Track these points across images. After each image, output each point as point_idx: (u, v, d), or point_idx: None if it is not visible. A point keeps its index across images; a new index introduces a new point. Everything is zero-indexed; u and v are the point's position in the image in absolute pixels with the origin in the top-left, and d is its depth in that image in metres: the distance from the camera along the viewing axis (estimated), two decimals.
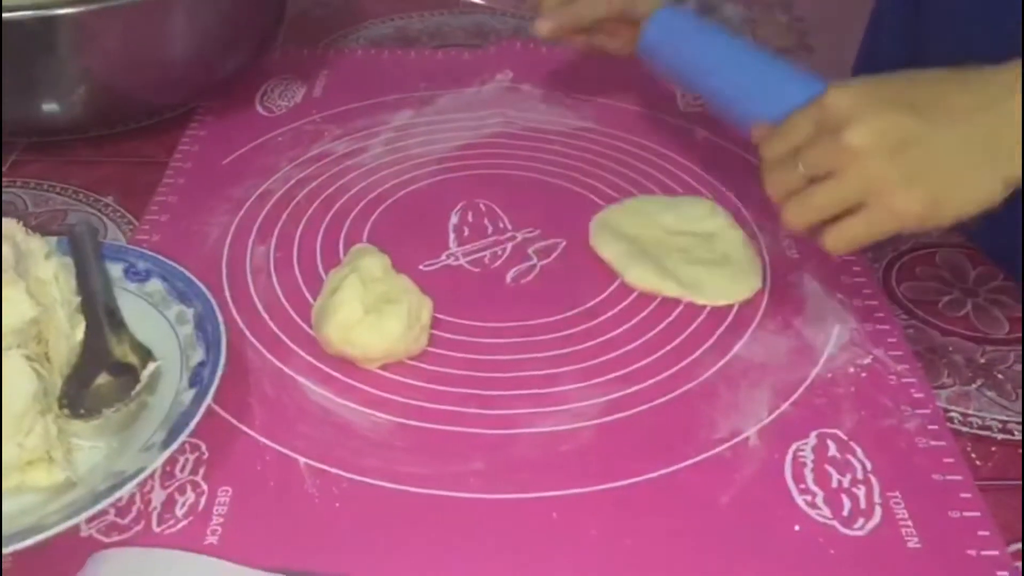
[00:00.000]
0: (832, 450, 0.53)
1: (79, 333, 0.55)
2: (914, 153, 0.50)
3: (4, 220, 0.53)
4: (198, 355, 0.54)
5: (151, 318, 0.57)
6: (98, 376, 0.54)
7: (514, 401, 0.56)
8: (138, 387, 0.52)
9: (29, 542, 0.44)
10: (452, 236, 0.69)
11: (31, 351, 0.51)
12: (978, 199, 0.50)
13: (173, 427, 0.49)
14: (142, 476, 0.47)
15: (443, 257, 0.67)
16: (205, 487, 0.51)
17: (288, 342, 0.60)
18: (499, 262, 0.67)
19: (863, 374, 0.58)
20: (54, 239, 0.57)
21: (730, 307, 0.62)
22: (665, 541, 0.48)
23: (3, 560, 0.46)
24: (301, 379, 0.57)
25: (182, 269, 0.59)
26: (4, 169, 0.75)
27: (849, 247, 0.53)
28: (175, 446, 0.48)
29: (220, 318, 0.56)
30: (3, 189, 0.73)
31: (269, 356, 0.59)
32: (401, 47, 0.94)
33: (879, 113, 0.50)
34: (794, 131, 0.53)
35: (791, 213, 0.54)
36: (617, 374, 0.57)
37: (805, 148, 0.52)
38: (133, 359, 0.55)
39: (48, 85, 0.72)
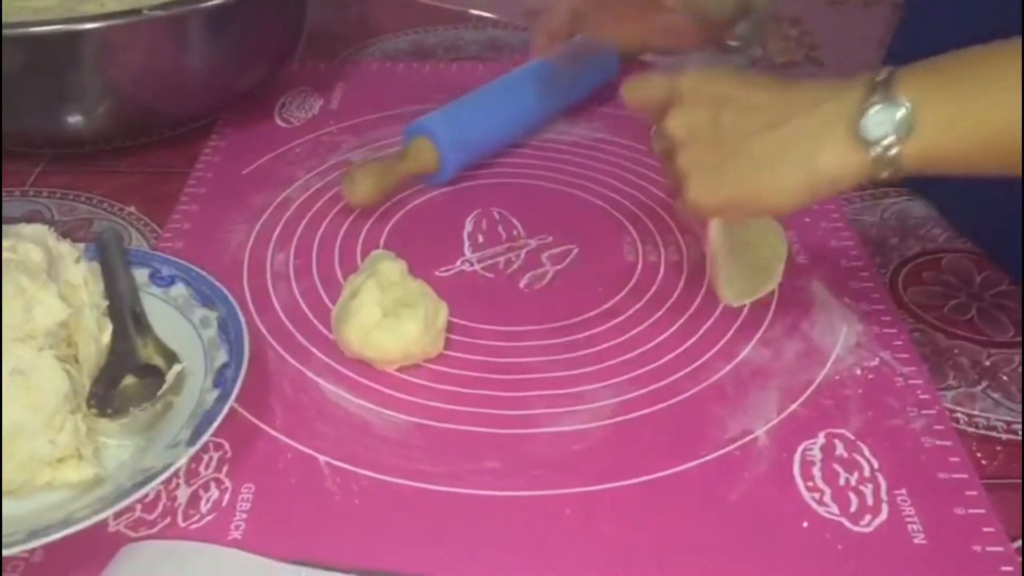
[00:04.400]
0: (840, 449, 0.54)
1: (106, 336, 0.56)
2: (720, 150, 0.54)
3: (36, 226, 0.55)
4: (221, 357, 0.56)
5: (176, 321, 0.59)
6: (125, 377, 0.55)
7: (528, 402, 0.57)
8: (164, 388, 0.54)
9: (58, 535, 0.45)
10: (467, 243, 0.70)
11: (61, 353, 0.52)
12: (781, 200, 0.54)
13: (198, 426, 0.51)
14: (168, 473, 0.48)
15: (458, 263, 0.68)
16: (229, 484, 0.52)
17: (308, 345, 0.61)
18: (513, 268, 0.68)
19: (870, 376, 0.59)
20: (82, 245, 0.58)
21: (741, 310, 0.64)
22: (676, 537, 0.50)
23: (35, 553, 0.48)
24: (320, 380, 0.59)
25: (205, 274, 0.61)
26: (31, 180, 0.77)
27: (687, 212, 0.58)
28: (200, 444, 0.50)
29: (243, 321, 0.57)
30: (30, 199, 0.75)
31: (289, 358, 0.60)
32: (417, 61, 0.95)
33: (698, 107, 0.55)
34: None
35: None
36: (630, 375, 0.59)
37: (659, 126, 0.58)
38: (158, 361, 0.56)
39: (73, 98, 0.74)
